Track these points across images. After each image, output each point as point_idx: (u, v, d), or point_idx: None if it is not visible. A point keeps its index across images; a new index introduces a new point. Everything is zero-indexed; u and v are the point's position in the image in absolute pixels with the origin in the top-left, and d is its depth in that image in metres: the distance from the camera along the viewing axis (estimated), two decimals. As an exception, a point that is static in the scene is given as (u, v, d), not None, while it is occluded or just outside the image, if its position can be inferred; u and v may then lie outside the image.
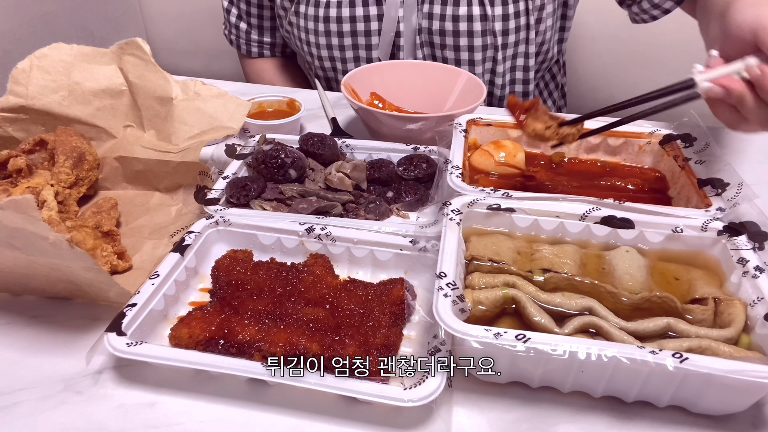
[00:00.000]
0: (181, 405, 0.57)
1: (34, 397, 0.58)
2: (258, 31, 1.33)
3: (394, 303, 0.63)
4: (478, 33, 1.11)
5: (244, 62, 1.42)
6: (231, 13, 1.32)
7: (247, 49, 1.36)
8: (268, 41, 1.35)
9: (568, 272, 0.63)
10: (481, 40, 1.12)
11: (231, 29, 1.35)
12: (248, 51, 1.36)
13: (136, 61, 0.88)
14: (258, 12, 1.31)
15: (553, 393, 0.58)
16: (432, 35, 1.13)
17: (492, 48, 1.13)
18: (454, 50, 1.13)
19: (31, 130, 0.88)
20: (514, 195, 0.70)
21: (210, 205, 0.74)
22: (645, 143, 0.83)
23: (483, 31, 1.10)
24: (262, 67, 1.38)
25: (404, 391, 0.52)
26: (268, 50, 1.36)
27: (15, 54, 1.33)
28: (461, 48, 1.13)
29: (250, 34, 1.34)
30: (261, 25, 1.33)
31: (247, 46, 1.35)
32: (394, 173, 0.82)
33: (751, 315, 0.58)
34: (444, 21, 1.11)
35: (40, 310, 0.68)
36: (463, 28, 1.10)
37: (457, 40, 1.12)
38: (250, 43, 1.35)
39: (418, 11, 1.12)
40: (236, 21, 1.33)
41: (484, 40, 1.11)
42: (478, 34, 1.11)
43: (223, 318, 0.61)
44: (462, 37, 1.12)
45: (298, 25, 1.18)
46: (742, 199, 0.68)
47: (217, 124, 0.85)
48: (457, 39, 1.12)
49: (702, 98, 0.65)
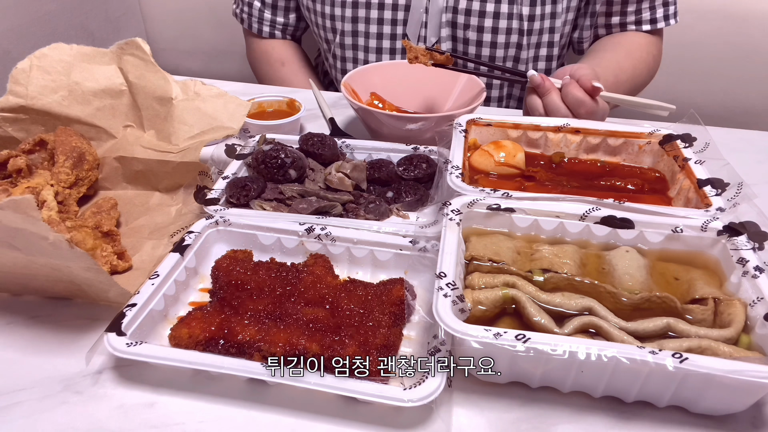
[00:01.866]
0: (181, 405, 0.57)
1: (34, 397, 0.58)
2: (272, 9, 1.31)
3: (394, 303, 0.63)
4: (504, 15, 1.10)
5: (251, 41, 1.38)
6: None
7: (259, 28, 1.33)
8: (281, 21, 1.32)
9: (567, 272, 0.63)
10: (507, 23, 1.11)
11: (243, 6, 1.32)
12: (259, 30, 1.33)
13: (136, 61, 0.88)
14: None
15: (553, 393, 0.58)
16: (457, 14, 1.12)
17: (517, 33, 1.13)
18: (477, 31, 1.13)
19: (31, 130, 0.88)
20: (514, 195, 0.70)
21: (210, 205, 0.74)
22: (645, 143, 0.83)
23: (509, 14, 1.10)
24: (269, 49, 1.35)
25: (404, 391, 0.52)
26: (280, 31, 1.33)
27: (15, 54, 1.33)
28: (485, 29, 1.12)
29: (263, 12, 1.31)
30: (275, 4, 1.30)
31: (259, 25, 1.33)
32: (394, 173, 0.82)
33: (751, 315, 0.58)
34: (471, 0, 1.10)
35: (40, 310, 0.68)
36: (489, 8, 1.10)
37: (482, 21, 1.11)
38: (262, 22, 1.32)
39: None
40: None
41: (510, 23, 1.11)
42: (504, 16, 1.10)
43: (223, 318, 0.61)
44: (487, 18, 1.11)
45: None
46: (742, 199, 0.68)
47: (217, 124, 0.85)
48: (482, 20, 1.11)
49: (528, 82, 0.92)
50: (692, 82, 1.54)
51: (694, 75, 1.54)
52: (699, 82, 1.54)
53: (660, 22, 1.21)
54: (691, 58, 1.49)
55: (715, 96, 1.55)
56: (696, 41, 1.48)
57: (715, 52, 1.50)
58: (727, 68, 1.51)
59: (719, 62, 1.51)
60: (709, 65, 1.52)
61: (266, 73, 1.35)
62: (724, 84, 1.54)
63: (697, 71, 1.53)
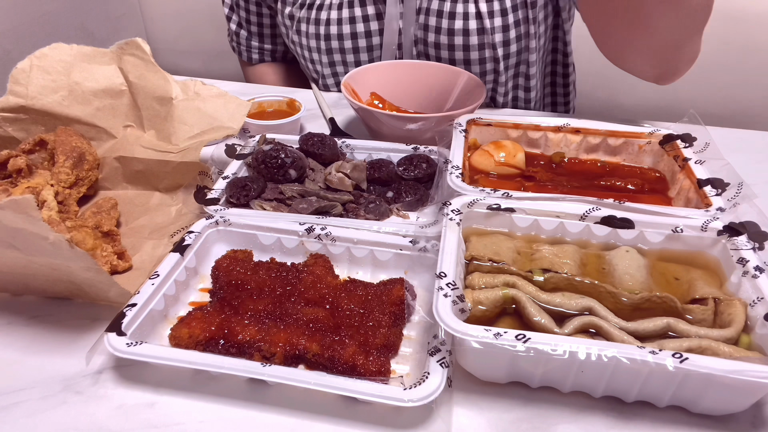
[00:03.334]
0: (181, 405, 0.57)
1: (34, 397, 0.58)
2: (258, 38, 1.34)
3: (394, 303, 0.63)
4: (475, 47, 1.09)
5: (245, 69, 1.42)
6: (231, 21, 1.33)
7: (248, 56, 1.36)
8: (269, 48, 1.35)
9: (568, 272, 0.63)
10: (478, 54, 1.10)
11: (232, 36, 1.35)
12: (249, 58, 1.37)
13: (136, 61, 0.88)
14: (258, 20, 1.31)
15: (553, 393, 0.58)
16: (428, 47, 1.12)
17: (492, 61, 1.12)
18: (450, 63, 1.12)
19: (31, 130, 0.88)
20: (514, 195, 0.70)
21: (210, 205, 0.74)
22: (645, 143, 0.83)
23: (480, 45, 1.09)
24: (264, 71, 1.38)
25: (404, 391, 0.52)
26: (269, 56, 1.36)
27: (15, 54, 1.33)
28: (457, 62, 1.11)
29: (250, 40, 1.34)
30: (261, 33, 1.33)
31: (248, 53, 1.36)
32: (394, 173, 0.82)
33: (751, 315, 0.58)
34: (439, 34, 1.09)
35: (40, 310, 0.68)
36: (458, 42, 1.09)
37: (452, 54, 1.11)
38: (250, 50, 1.35)
39: (416, 22, 1.11)
40: (236, 29, 1.33)
41: (482, 53, 1.10)
42: (474, 48, 1.09)
43: (223, 318, 0.61)
44: (458, 51, 1.10)
45: (300, 43, 1.19)
46: (742, 199, 0.68)
47: (217, 124, 0.85)
48: (452, 53, 1.11)
49: None
50: (692, 82, 1.54)
51: (694, 75, 1.53)
52: (699, 82, 1.54)
53: None
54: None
55: (715, 96, 1.55)
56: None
57: (715, 52, 1.50)
58: (727, 68, 1.51)
59: (719, 62, 1.51)
60: (709, 65, 1.52)
61: None
62: (724, 84, 1.54)
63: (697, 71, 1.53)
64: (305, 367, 0.59)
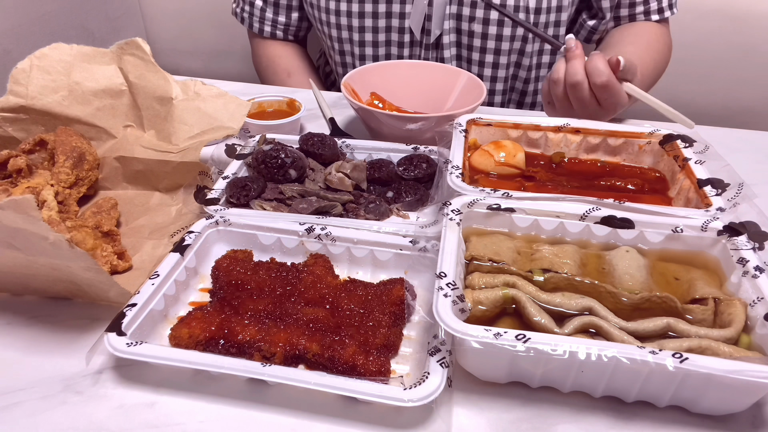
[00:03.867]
0: (181, 405, 0.57)
1: (34, 397, 0.58)
2: (273, 8, 1.29)
3: (394, 303, 0.63)
4: (511, 8, 1.10)
5: (257, 45, 1.36)
6: None
7: (260, 28, 1.31)
8: (283, 20, 1.30)
9: (568, 272, 0.63)
10: (511, 30, 1.11)
11: (244, 6, 1.30)
12: (260, 30, 1.32)
13: (136, 61, 0.88)
14: None
15: (553, 393, 0.58)
16: (462, 6, 1.12)
17: (521, 40, 1.13)
18: (482, 24, 1.12)
19: (31, 130, 0.88)
20: (514, 195, 0.70)
21: (210, 205, 0.74)
22: (645, 143, 0.83)
23: (516, 6, 1.09)
24: (276, 54, 1.34)
25: (404, 391, 0.52)
26: (281, 31, 1.32)
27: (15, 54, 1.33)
28: (490, 22, 1.11)
29: (265, 11, 1.29)
30: (277, 2, 1.29)
31: (260, 25, 1.31)
32: (394, 173, 0.82)
33: (751, 315, 0.58)
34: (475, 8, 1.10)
35: (40, 310, 0.68)
36: (495, 0, 1.08)
37: (487, 13, 1.11)
38: (263, 22, 1.30)
39: None
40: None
41: (516, 16, 1.10)
42: (510, 9, 1.10)
43: (223, 318, 0.61)
44: (493, 11, 1.10)
45: (319, 6, 1.16)
46: (742, 199, 0.68)
47: (217, 124, 0.85)
48: (488, 12, 1.10)
49: (561, 51, 0.94)
50: (692, 82, 1.54)
51: (694, 75, 1.54)
52: (699, 82, 1.54)
53: (666, 11, 1.21)
54: (691, 58, 1.49)
55: (715, 96, 1.55)
56: (696, 41, 1.48)
57: (715, 52, 1.50)
58: (727, 68, 1.52)
59: (719, 62, 1.51)
60: (709, 65, 1.52)
61: (272, 81, 1.34)
62: (724, 84, 1.54)
63: (697, 71, 1.53)
64: (305, 367, 0.59)
